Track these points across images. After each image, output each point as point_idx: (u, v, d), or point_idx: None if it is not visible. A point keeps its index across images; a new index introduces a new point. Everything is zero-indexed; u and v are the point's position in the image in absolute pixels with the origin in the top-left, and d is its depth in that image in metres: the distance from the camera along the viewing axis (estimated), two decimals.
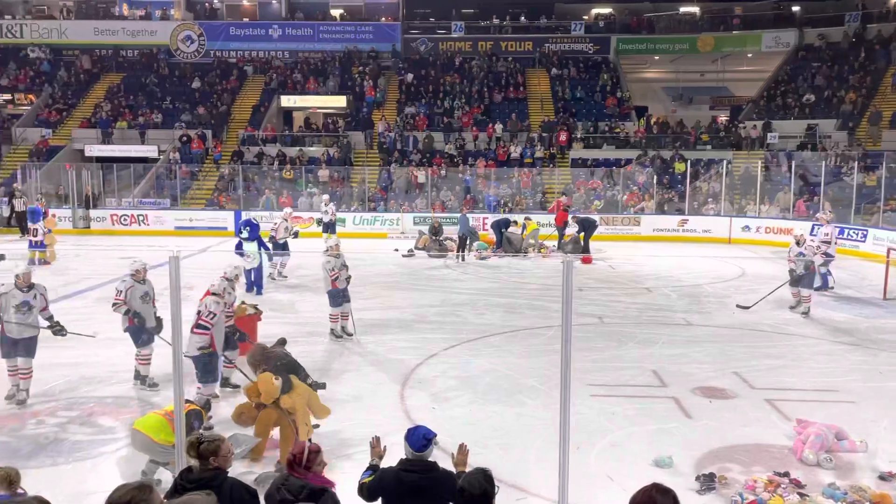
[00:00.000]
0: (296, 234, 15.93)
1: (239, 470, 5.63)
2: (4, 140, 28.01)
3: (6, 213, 23.04)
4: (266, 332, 9.37)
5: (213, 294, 7.55)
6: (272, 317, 10.84)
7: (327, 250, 10.66)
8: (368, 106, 29.86)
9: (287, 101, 30.89)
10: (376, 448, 4.00)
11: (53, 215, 19.77)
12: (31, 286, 7.71)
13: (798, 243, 12.58)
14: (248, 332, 8.91)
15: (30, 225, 17.45)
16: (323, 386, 7.27)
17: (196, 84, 30.94)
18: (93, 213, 23.77)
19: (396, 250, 19.06)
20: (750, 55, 32.80)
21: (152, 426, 5.64)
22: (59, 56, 32.22)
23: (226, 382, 8.07)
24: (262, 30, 32.92)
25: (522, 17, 34.14)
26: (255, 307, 9.79)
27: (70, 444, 6.58)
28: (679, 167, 24.86)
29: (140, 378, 8.17)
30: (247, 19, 33.87)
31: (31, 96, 30.54)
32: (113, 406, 7.60)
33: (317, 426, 6.45)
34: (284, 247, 15.04)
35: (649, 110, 32.01)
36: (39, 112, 29.66)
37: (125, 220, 23.58)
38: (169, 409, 5.52)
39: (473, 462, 3.94)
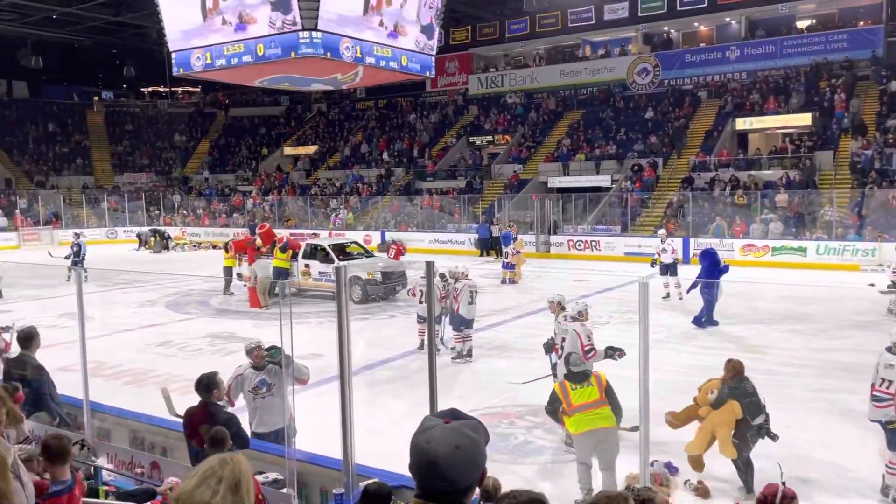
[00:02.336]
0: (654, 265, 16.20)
1: None
2: (486, 175, 32.78)
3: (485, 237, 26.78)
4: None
5: None
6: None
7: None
8: (839, 122, 26.51)
9: (743, 123, 29.40)
10: None
11: (520, 240, 22.30)
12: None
13: None
14: None
15: (503, 248, 20.01)
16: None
17: (649, 114, 31.68)
18: (553, 238, 26.12)
19: (872, 285, 16.34)
20: None
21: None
22: (530, 99, 36.46)
23: None
24: (718, 53, 32.07)
25: None
26: None
27: (535, 446, 7.19)
28: None
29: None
30: (703, 44, 33.42)
31: (507, 137, 35.18)
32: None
33: None
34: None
35: None
36: (512, 150, 33.94)
37: (580, 245, 25.31)
38: None
39: None
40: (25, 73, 41.34)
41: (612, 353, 7.16)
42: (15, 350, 6.99)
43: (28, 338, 6.60)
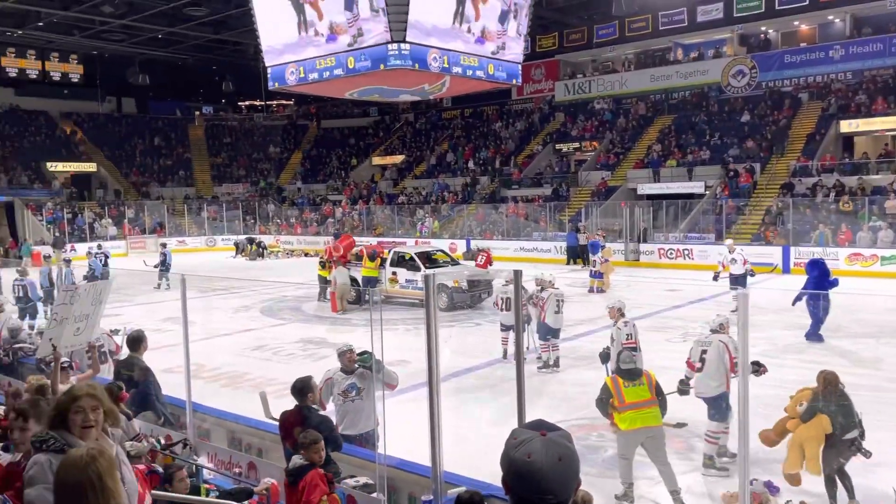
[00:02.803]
0: (752, 274, 15.17)
1: None
2: (572, 182, 32.36)
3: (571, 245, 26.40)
4: None
5: None
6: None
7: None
8: None
9: (848, 125, 27.82)
10: None
11: (608, 248, 21.85)
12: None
13: None
14: None
15: (591, 257, 19.66)
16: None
17: (745, 117, 30.47)
18: (642, 246, 25.48)
19: None
20: None
21: None
22: (618, 105, 35.79)
23: None
24: (821, 52, 30.49)
25: None
26: None
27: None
28: None
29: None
30: (804, 44, 31.87)
31: (594, 143, 34.63)
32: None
33: None
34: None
35: None
36: (600, 156, 33.39)
37: (671, 253, 24.57)
38: None
39: None
40: (133, 90, 43.97)
41: (757, 368, 6.75)
42: (125, 352, 7.41)
43: (136, 341, 6.99)
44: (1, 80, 37.20)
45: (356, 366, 6.40)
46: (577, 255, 25.46)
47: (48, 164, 38.31)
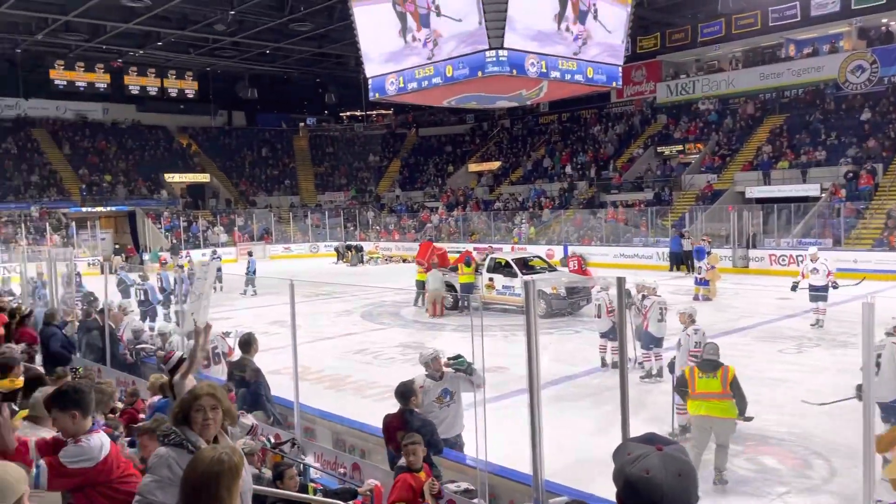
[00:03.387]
0: (835, 285, 14.13)
1: None
2: (675, 186, 31.35)
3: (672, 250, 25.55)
4: None
5: None
6: None
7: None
8: None
9: None
10: None
11: (715, 254, 20.99)
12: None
13: None
14: None
15: (696, 263, 18.96)
16: None
17: (866, 115, 28.57)
18: (752, 252, 24.32)
19: None
20: None
21: None
22: (725, 105, 34.38)
23: None
24: None
25: None
26: None
27: (737, 476, 6.72)
28: None
29: None
30: None
31: (699, 145, 33.41)
32: (776, 447, 7.46)
33: None
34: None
35: None
36: (705, 159, 32.17)
37: (783, 259, 23.32)
38: None
39: None
40: (243, 104, 46.22)
41: None
42: (237, 354, 7.78)
43: (247, 343, 7.32)
44: (125, 97, 40.00)
45: (450, 370, 6.46)
46: (681, 261, 24.61)
47: (166, 176, 40.86)
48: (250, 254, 23.80)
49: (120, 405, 6.67)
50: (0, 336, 9.88)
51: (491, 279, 17.46)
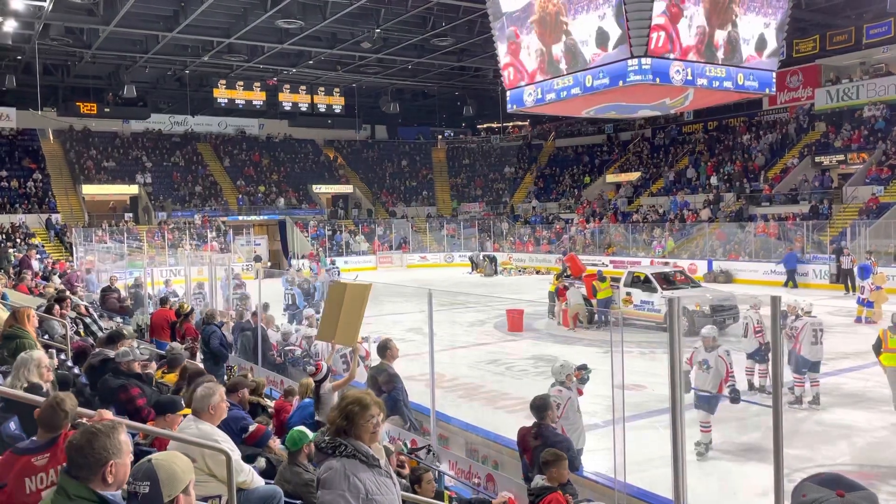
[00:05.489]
0: None
1: None
2: (835, 199, 28.99)
3: (833, 269, 23.66)
4: None
5: None
6: None
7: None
8: None
9: None
10: None
11: (881, 273, 19.18)
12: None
13: None
14: None
15: (858, 282, 17.42)
16: None
17: None
18: None
19: None
20: None
21: None
22: (893, 112, 31.40)
23: None
24: None
25: None
26: None
27: None
28: None
29: None
30: None
31: (863, 155, 30.73)
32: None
33: None
34: None
35: None
36: (870, 170, 29.53)
37: None
38: None
39: None
40: (385, 118, 47.94)
41: None
42: (375, 359, 8.05)
43: (384, 348, 7.55)
44: (278, 113, 42.70)
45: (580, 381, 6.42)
46: (839, 280, 22.71)
47: (313, 187, 43.16)
48: (332, 262, 24.68)
49: (270, 402, 7.10)
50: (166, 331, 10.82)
51: (629, 294, 16.95)
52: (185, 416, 4.34)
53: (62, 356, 7.09)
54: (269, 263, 33.09)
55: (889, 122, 31.07)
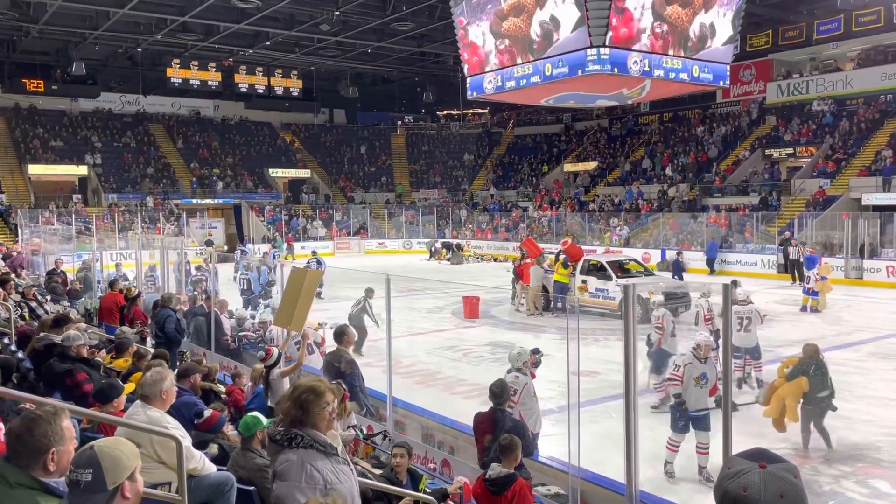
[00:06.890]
0: None
1: None
2: (784, 191, 29.78)
3: (781, 259, 24.35)
4: None
5: None
6: None
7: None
8: None
9: None
10: None
11: (826, 264, 19.81)
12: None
13: None
14: None
15: (805, 272, 17.97)
16: None
17: None
18: (866, 263, 22.81)
19: None
20: None
21: None
22: (841, 107, 32.35)
23: None
24: None
25: None
26: None
27: (844, 499, 6.33)
28: None
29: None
30: None
31: (811, 149, 31.61)
32: (891, 470, 6.96)
33: None
34: None
35: None
36: (818, 163, 30.39)
37: None
38: None
39: None
40: (344, 102, 47.37)
41: None
42: (331, 345, 7.98)
43: (341, 334, 7.50)
44: (234, 94, 41.81)
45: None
46: (786, 269, 23.39)
47: (270, 171, 42.47)
48: (314, 253, 24.10)
49: (222, 387, 6.99)
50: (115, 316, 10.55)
51: (584, 281, 17.15)
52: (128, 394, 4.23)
53: (6, 340, 6.86)
54: (224, 247, 32.51)
55: (836, 117, 32.00)
